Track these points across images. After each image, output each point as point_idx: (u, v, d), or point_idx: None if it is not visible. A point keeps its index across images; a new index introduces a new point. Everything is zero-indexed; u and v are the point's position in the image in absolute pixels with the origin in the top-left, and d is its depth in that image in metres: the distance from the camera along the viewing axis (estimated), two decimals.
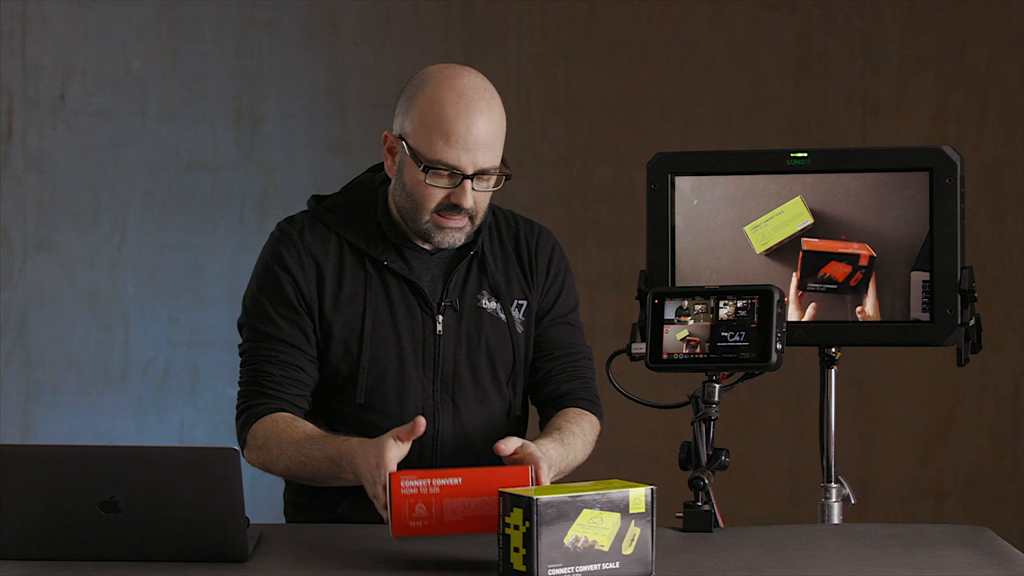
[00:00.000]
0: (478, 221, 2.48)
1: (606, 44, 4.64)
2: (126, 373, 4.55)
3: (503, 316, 2.54)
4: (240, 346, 2.53)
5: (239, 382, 2.51)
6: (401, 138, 2.45)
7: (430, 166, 2.40)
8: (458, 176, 2.40)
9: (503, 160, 2.45)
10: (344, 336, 2.47)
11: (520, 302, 2.56)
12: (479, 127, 2.39)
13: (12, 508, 2.04)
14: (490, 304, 2.54)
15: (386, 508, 2.13)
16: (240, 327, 2.54)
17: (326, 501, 2.51)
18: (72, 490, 2.03)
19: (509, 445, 2.22)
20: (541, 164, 4.61)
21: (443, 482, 2.00)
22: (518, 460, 2.22)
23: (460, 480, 2.00)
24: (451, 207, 2.42)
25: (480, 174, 2.41)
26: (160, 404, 4.55)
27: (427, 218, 2.44)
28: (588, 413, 2.57)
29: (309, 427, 2.42)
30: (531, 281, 2.58)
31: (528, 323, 2.56)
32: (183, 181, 4.57)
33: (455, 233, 2.46)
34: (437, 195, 2.42)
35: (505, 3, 4.63)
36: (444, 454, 2.47)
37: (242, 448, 2.45)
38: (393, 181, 2.49)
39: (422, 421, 2.18)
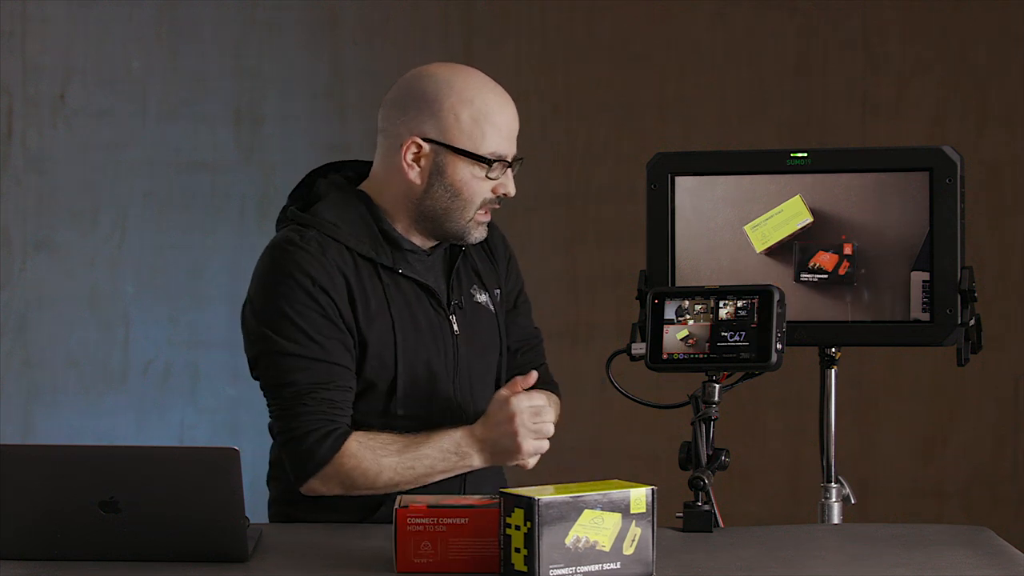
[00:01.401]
0: None
1: (606, 44, 4.64)
2: (126, 373, 4.55)
3: (492, 307, 2.56)
4: (271, 378, 2.38)
5: (284, 418, 2.36)
6: (436, 141, 2.43)
7: (494, 160, 2.43)
8: (505, 165, 2.46)
9: None
10: (379, 349, 2.43)
11: (497, 290, 2.59)
12: (515, 115, 2.48)
13: (12, 508, 2.04)
14: (482, 297, 2.56)
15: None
16: (260, 355, 2.39)
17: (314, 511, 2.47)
18: (72, 490, 2.03)
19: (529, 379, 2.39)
20: (541, 164, 4.61)
21: (449, 521, 2.00)
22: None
23: (466, 520, 2.00)
24: (494, 199, 2.46)
25: (513, 163, 2.48)
26: (160, 404, 4.55)
27: (471, 215, 2.46)
28: (556, 396, 2.62)
29: (393, 435, 2.39)
30: (497, 270, 2.61)
31: (500, 311, 2.60)
32: (183, 181, 4.57)
33: (486, 227, 2.51)
34: (484, 187, 2.45)
35: (505, 3, 4.63)
36: None
37: (313, 473, 2.35)
38: (422, 187, 2.45)
39: (534, 374, 2.38)
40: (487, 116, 2.42)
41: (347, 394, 2.39)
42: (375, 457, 2.36)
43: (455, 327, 2.50)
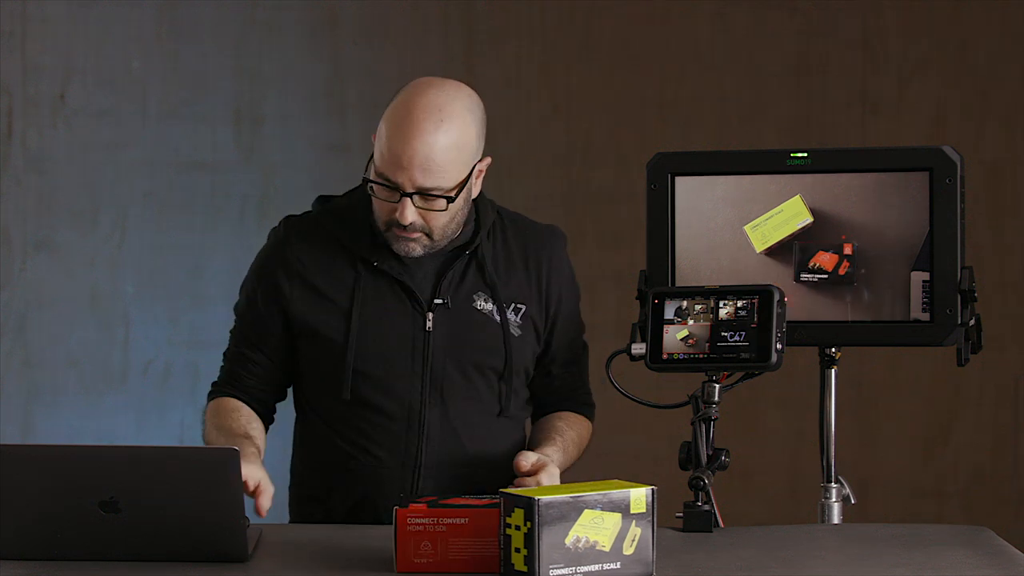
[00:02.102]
0: (437, 237, 2.48)
1: (606, 44, 4.64)
2: (126, 373, 4.55)
3: (498, 318, 2.55)
4: (229, 331, 2.67)
5: (220, 366, 2.67)
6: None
7: (369, 180, 2.46)
8: (396, 193, 2.43)
9: (467, 182, 2.45)
10: (330, 335, 2.51)
11: (519, 306, 2.57)
12: (415, 148, 2.40)
13: (12, 508, 2.04)
14: (486, 305, 2.55)
15: None
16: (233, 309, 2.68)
17: (327, 492, 2.56)
18: (72, 490, 2.03)
19: (528, 460, 2.38)
20: (541, 164, 4.61)
21: (449, 521, 2.00)
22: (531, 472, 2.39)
23: (466, 520, 2.00)
24: (396, 223, 2.45)
25: (422, 193, 2.43)
26: (160, 404, 4.55)
27: (384, 230, 2.49)
28: (584, 419, 2.66)
29: (236, 424, 2.52)
30: (542, 287, 2.60)
31: (526, 327, 2.58)
32: (183, 181, 4.57)
33: (409, 243, 2.48)
34: (384, 208, 2.46)
35: (505, 3, 4.63)
36: (431, 450, 2.51)
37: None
38: None
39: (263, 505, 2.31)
40: (384, 140, 2.43)
41: (251, 367, 2.59)
42: (212, 424, 2.56)
43: (428, 324, 2.51)
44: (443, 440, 2.51)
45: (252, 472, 2.29)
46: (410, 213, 2.43)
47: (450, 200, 2.43)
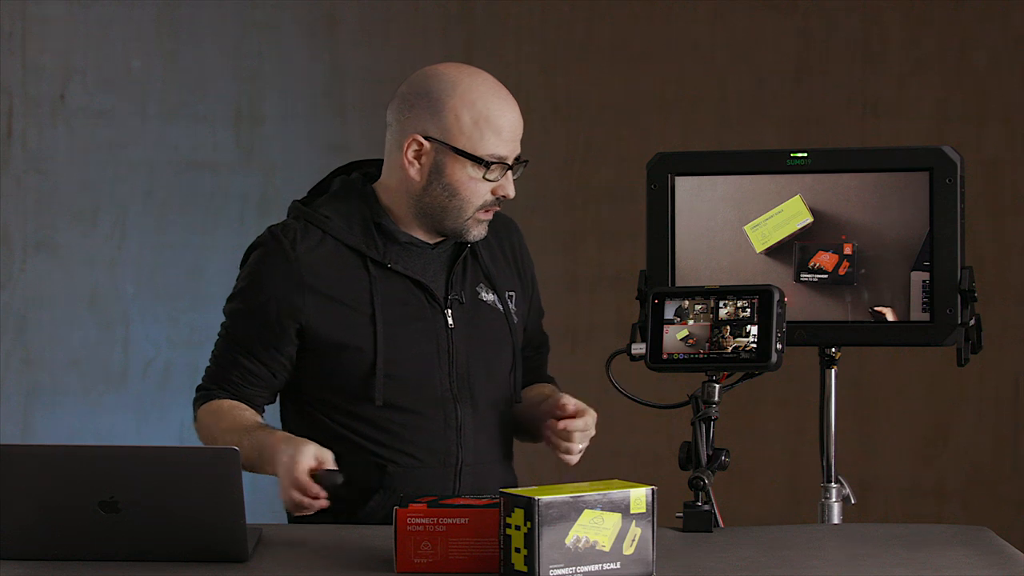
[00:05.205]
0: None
1: (606, 44, 4.64)
2: (126, 373, 4.55)
3: (500, 306, 2.57)
4: (218, 334, 2.59)
5: (207, 367, 2.58)
6: (437, 140, 2.46)
7: (492, 161, 2.46)
8: (505, 168, 2.48)
9: None
10: (355, 342, 2.47)
11: (510, 293, 2.61)
12: (518, 117, 2.50)
13: (12, 508, 2.04)
14: (488, 296, 2.57)
15: (296, 507, 2.27)
16: (224, 313, 2.59)
17: (359, 503, 2.52)
18: (72, 490, 2.03)
19: (571, 402, 2.47)
20: (541, 164, 4.60)
21: (449, 521, 2.00)
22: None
23: (466, 520, 2.00)
24: (494, 201, 2.49)
25: (516, 164, 2.50)
26: (160, 404, 4.55)
27: (470, 215, 2.49)
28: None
29: (248, 416, 2.49)
30: (521, 274, 2.65)
31: (519, 313, 2.62)
32: (183, 181, 4.57)
33: (486, 225, 2.53)
34: (483, 188, 2.47)
35: (505, 3, 4.63)
36: (467, 446, 2.50)
37: (193, 422, 2.58)
38: (421, 184, 2.49)
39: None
40: (488, 119, 2.44)
41: (249, 377, 2.52)
42: (221, 429, 2.48)
43: (450, 321, 2.51)
44: (477, 435, 2.51)
45: (309, 451, 2.28)
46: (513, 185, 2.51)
47: (525, 163, 2.52)
